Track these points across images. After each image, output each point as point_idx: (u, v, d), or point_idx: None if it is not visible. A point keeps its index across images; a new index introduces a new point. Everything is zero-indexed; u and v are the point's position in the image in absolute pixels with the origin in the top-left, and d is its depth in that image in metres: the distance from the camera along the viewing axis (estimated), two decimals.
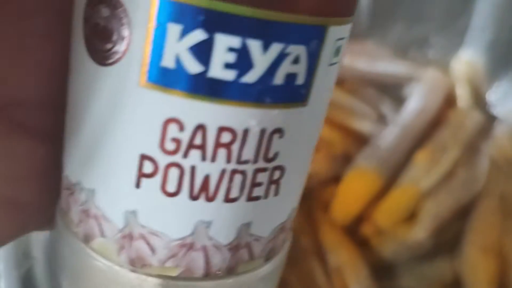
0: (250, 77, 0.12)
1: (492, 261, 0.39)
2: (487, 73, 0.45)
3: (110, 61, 0.12)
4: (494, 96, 0.45)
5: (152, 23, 0.11)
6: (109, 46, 0.12)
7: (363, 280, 0.37)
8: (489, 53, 0.45)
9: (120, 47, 0.12)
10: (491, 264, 0.39)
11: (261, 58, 0.12)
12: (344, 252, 0.38)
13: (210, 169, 0.12)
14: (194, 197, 0.13)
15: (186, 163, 0.12)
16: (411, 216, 0.41)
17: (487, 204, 0.40)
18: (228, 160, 0.12)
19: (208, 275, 0.14)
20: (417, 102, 0.42)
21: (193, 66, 0.11)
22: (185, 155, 0.12)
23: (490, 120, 0.43)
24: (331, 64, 0.13)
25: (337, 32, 0.13)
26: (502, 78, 0.45)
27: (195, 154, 0.12)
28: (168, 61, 0.11)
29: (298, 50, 0.12)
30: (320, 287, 0.38)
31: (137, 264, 0.13)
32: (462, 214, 0.41)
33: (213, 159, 0.12)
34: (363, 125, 0.44)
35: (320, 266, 0.39)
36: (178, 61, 0.11)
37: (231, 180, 0.13)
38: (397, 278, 0.40)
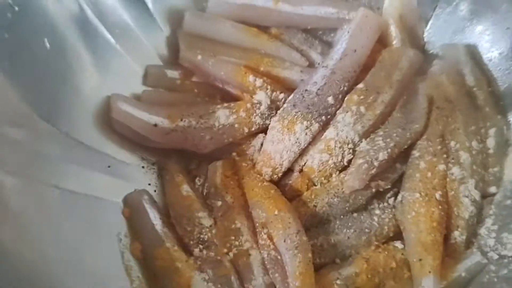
0: None
1: (435, 207, 0.35)
2: (421, 10, 0.42)
3: None
4: (430, 33, 0.42)
5: None
6: None
7: (292, 235, 0.33)
8: None
9: None
10: (434, 211, 0.35)
11: None
12: (270, 207, 0.34)
13: None
14: None
15: None
16: (346, 165, 0.37)
17: (427, 146, 0.37)
18: None
19: None
20: (346, 42, 0.39)
21: None
22: None
23: (426, 58, 0.40)
24: None
25: None
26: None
27: None
28: None
29: None
30: (245, 245, 0.33)
31: None
32: (402, 159, 0.37)
33: None
34: (292, 73, 0.41)
35: (246, 222, 0.35)
36: None
37: None
38: (333, 233, 0.35)
